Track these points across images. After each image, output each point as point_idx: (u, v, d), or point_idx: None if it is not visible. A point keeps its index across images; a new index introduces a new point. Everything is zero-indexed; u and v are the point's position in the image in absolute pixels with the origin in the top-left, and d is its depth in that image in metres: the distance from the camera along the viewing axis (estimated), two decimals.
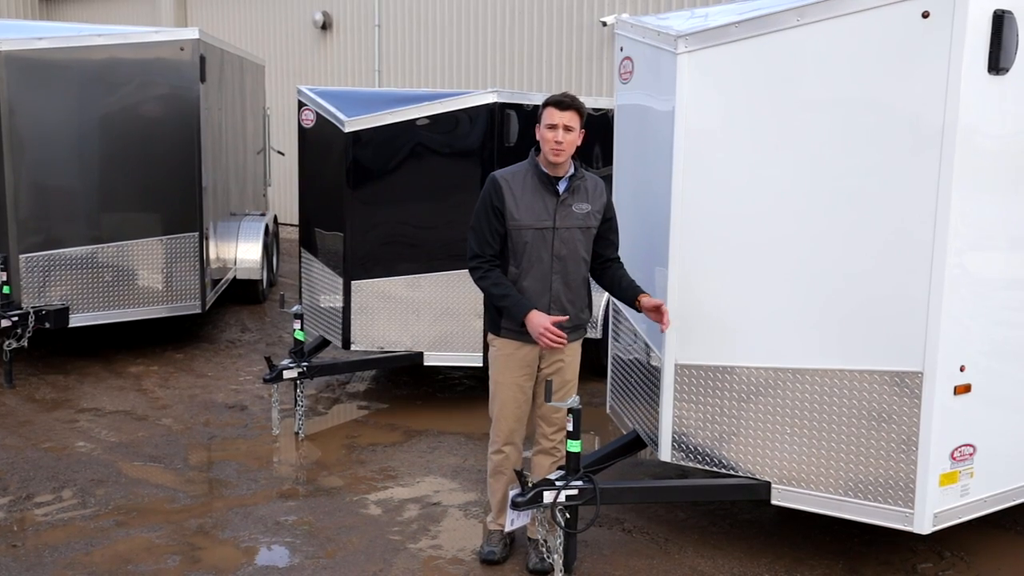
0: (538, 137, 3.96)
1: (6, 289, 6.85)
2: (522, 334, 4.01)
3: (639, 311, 4.06)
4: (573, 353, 4.15)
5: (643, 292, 4.06)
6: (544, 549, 3.91)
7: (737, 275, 4.00)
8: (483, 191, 4.03)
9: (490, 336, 4.16)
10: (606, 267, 4.16)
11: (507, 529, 4.02)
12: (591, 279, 4.19)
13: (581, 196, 4.00)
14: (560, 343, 3.90)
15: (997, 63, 3.56)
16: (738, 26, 3.86)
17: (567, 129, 3.86)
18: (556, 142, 3.85)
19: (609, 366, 5.21)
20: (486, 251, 3.99)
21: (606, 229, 4.10)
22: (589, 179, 4.05)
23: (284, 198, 15.02)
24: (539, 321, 3.88)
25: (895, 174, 3.66)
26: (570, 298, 4.02)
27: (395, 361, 6.41)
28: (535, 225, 3.94)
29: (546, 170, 3.96)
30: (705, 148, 3.98)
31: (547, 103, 3.91)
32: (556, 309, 4.00)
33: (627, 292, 4.09)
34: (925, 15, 3.53)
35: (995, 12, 3.52)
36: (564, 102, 3.88)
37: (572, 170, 3.99)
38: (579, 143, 3.94)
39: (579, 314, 4.09)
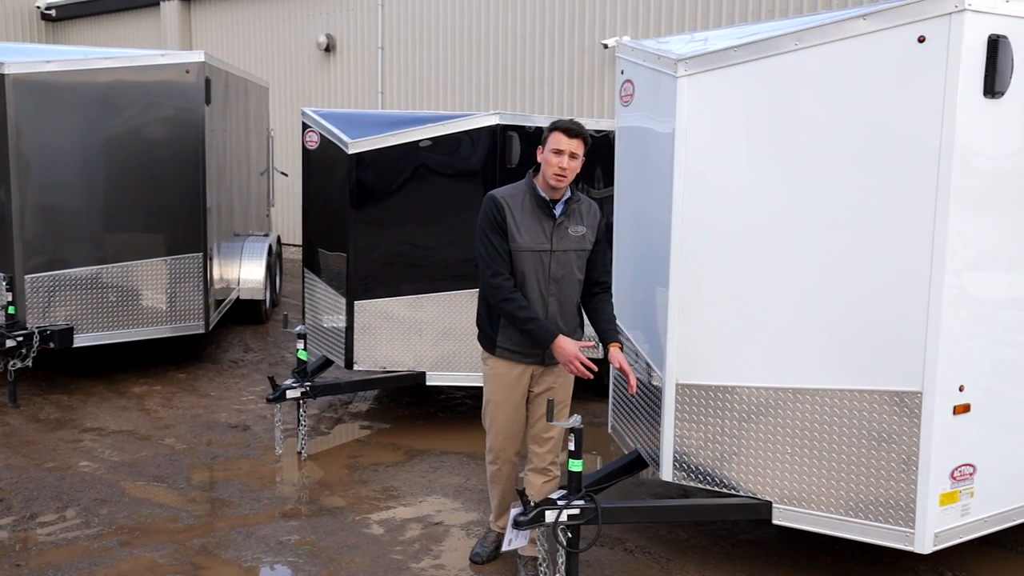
0: (540, 159, 3.98)
1: (11, 309, 6.90)
2: (517, 354, 4.05)
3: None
4: (565, 375, 4.16)
5: (617, 341, 4.05)
6: (543, 569, 3.92)
7: (737, 296, 4.02)
8: (484, 210, 4.01)
9: (484, 354, 4.17)
10: (594, 294, 4.15)
11: (504, 548, 4.05)
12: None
13: (576, 219, 4.03)
14: (588, 375, 3.88)
15: (993, 87, 3.60)
16: (737, 50, 3.91)
17: (572, 156, 3.89)
18: (561, 168, 3.88)
19: (611, 386, 5.23)
20: (504, 269, 3.97)
21: (596, 251, 4.11)
22: (585, 202, 4.09)
23: (287, 219, 15.09)
24: (569, 350, 3.88)
25: (893, 195, 3.69)
26: (564, 319, 4.04)
27: (398, 381, 6.42)
28: (533, 248, 3.96)
29: (544, 193, 3.98)
30: (705, 170, 4.02)
31: (556, 127, 3.92)
32: None
33: (604, 333, 4.08)
34: (921, 39, 3.57)
35: (990, 37, 3.57)
36: (573, 130, 3.90)
37: (568, 193, 4.02)
38: (579, 171, 3.98)
39: (571, 335, 4.08)
